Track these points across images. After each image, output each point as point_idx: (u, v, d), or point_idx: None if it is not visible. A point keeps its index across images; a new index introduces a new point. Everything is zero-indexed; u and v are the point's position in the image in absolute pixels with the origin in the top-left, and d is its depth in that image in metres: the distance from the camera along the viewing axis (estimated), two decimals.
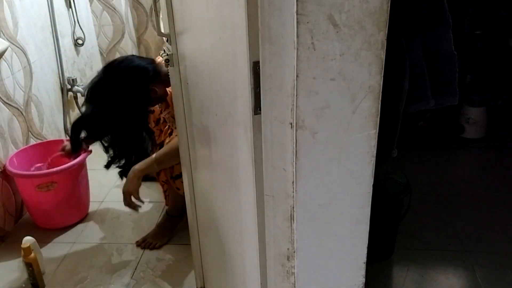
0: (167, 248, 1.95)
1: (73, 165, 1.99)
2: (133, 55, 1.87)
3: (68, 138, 2.51)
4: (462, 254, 1.85)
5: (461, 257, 1.83)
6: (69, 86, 2.60)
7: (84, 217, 2.16)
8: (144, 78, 1.72)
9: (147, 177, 2.11)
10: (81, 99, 2.72)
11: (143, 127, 1.85)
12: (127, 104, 1.73)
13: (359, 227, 0.78)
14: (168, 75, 1.36)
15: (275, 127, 0.71)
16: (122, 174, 1.93)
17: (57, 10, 2.50)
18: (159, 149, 1.84)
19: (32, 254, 1.70)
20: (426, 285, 1.72)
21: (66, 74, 2.58)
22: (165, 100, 1.82)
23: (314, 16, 0.61)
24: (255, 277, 0.87)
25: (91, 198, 2.22)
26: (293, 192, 0.72)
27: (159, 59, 1.88)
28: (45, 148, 2.17)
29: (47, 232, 2.05)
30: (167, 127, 1.95)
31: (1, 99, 2.00)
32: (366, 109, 0.68)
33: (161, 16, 1.34)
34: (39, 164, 2.11)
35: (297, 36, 0.62)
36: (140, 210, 1.87)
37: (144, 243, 1.96)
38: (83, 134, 1.89)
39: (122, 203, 1.80)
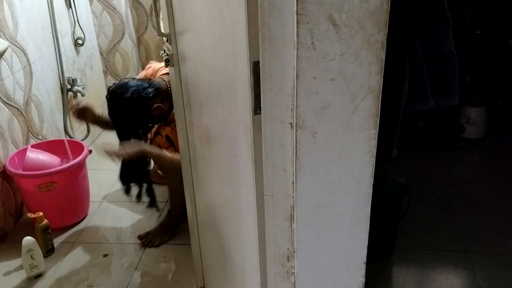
0: (167, 248, 1.95)
1: (73, 165, 1.99)
2: (130, 79, 1.88)
3: (68, 138, 2.51)
4: (462, 254, 1.85)
5: (461, 257, 1.83)
6: (69, 86, 2.59)
7: (84, 217, 2.16)
8: (143, 102, 1.78)
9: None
10: (81, 99, 2.72)
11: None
12: (132, 125, 1.83)
13: (359, 227, 0.78)
14: (169, 88, 1.36)
15: (275, 127, 0.71)
16: (150, 206, 2.03)
17: (57, 10, 2.50)
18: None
19: (45, 220, 1.88)
20: (426, 285, 1.72)
21: (66, 74, 2.58)
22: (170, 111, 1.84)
23: (314, 16, 0.61)
24: (255, 277, 0.87)
25: (91, 198, 2.22)
26: (293, 192, 0.72)
27: (145, 74, 1.98)
28: (45, 148, 2.16)
29: None
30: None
31: (1, 99, 2.00)
32: (366, 109, 0.68)
33: (161, 16, 1.34)
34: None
35: (297, 36, 0.62)
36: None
37: (145, 239, 1.98)
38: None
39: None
